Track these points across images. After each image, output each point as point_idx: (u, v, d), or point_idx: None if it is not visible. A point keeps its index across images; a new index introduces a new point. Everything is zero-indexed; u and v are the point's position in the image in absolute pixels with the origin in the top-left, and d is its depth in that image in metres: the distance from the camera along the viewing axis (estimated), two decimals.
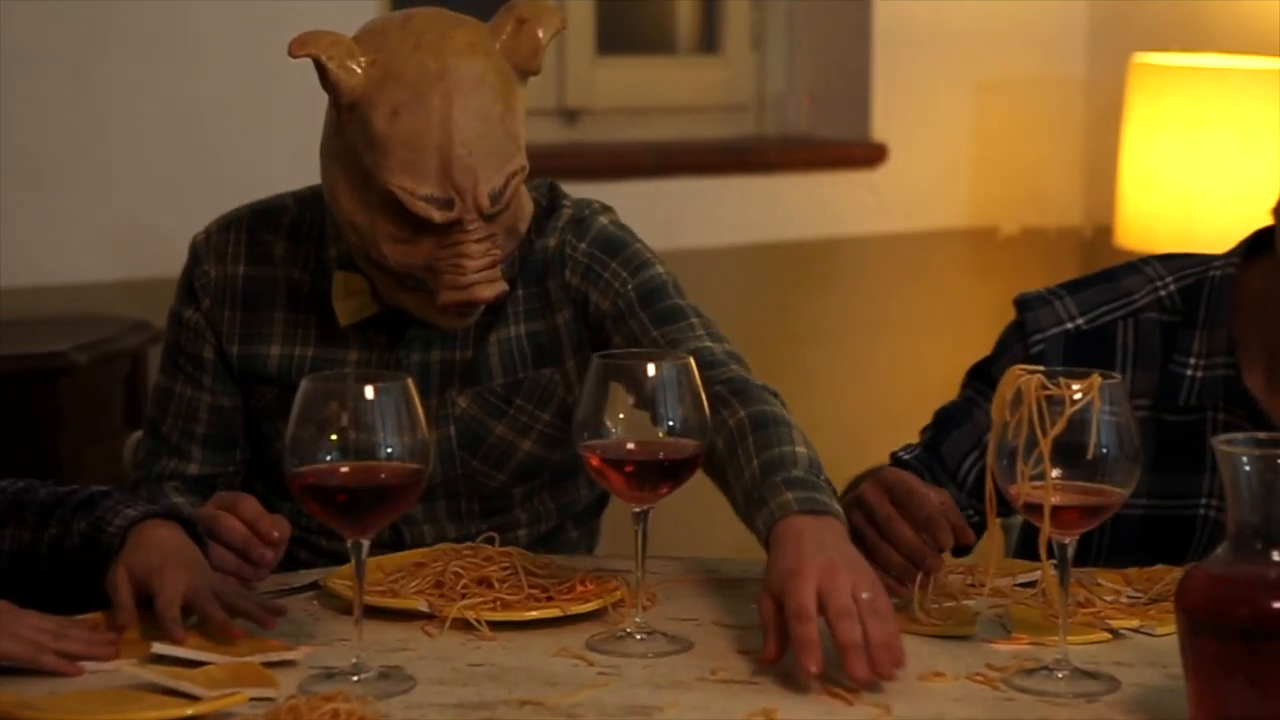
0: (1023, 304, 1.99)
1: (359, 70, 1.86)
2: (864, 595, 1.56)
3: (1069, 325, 1.96)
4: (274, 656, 1.60)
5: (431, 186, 1.85)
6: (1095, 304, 1.97)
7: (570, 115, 3.72)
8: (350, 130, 1.88)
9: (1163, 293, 1.96)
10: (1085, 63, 4.07)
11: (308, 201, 2.06)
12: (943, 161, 3.96)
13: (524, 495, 2.08)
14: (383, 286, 1.96)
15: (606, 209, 2.08)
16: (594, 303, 2.01)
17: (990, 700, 1.53)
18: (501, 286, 1.91)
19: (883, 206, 3.89)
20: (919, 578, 1.72)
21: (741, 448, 1.77)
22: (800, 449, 1.73)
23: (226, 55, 3.17)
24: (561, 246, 2.02)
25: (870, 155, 3.85)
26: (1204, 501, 1.93)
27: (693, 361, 1.68)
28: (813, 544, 1.61)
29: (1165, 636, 1.66)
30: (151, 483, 2.06)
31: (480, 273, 1.88)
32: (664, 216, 3.65)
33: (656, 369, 1.66)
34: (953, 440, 1.97)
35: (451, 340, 2.02)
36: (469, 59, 1.87)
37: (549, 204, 2.06)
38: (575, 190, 2.14)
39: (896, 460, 2.00)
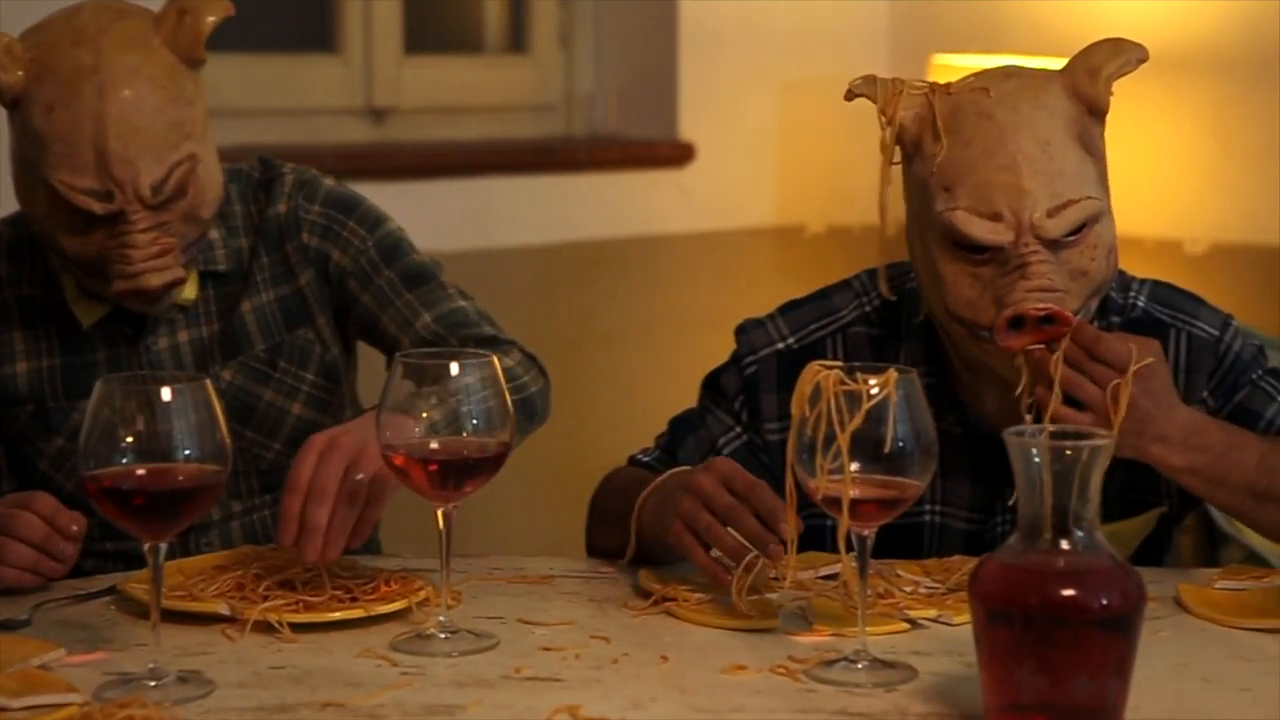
0: (739, 329, 2.03)
1: (19, 69, 1.90)
2: (357, 476, 1.69)
3: (779, 345, 2.00)
4: (36, 661, 1.56)
5: (90, 180, 1.89)
6: (805, 323, 2.01)
7: (378, 114, 3.70)
8: (16, 129, 1.93)
9: (868, 307, 2.00)
10: (887, 63, 4.13)
11: (19, 222, 2.08)
12: (750, 160, 3.99)
13: None
14: (81, 279, 2.00)
15: (325, 175, 2.14)
16: (334, 260, 2.08)
17: (791, 692, 1.55)
18: (174, 274, 1.94)
19: (691, 205, 3.92)
20: (748, 562, 1.71)
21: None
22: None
23: None
24: (294, 210, 2.08)
25: (678, 154, 3.88)
26: (928, 508, 1.97)
27: (496, 360, 1.68)
28: (355, 420, 1.75)
29: (962, 626, 1.69)
30: None
31: (148, 262, 1.92)
32: (473, 216, 3.64)
33: (460, 369, 1.66)
34: (688, 446, 2.00)
35: (196, 318, 2.05)
36: (125, 52, 1.90)
37: (264, 175, 2.11)
38: (383, 190, 2.16)
39: (635, 463, 2.03)
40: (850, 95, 1.89)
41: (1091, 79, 1.84)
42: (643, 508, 1.85)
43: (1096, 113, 1.86)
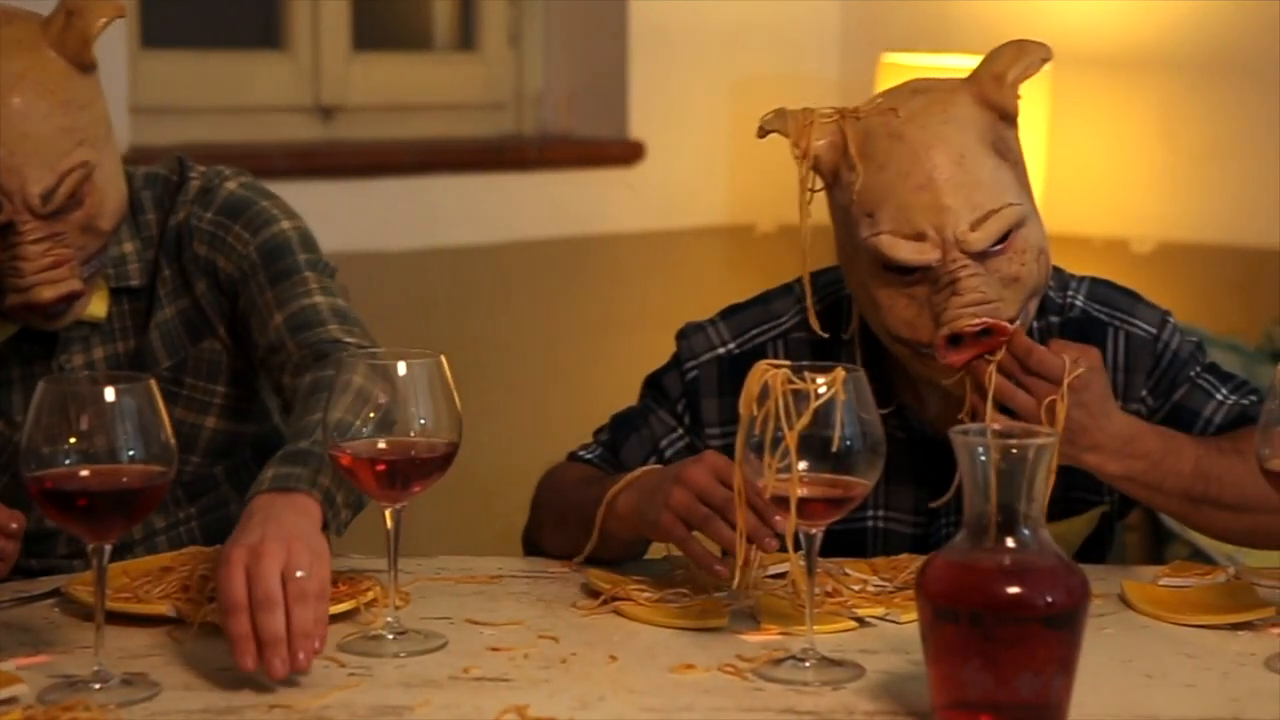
0: (681, 333, 2.03)
1: None
2: (297, 574, 1.54)
3: (720, 350, 2.00)
4: None
5: None
6: (746, 327, 2.01)
7: (326, 112, 3.68)
8: None
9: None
10: (837, 62, 4.14)
11: None
12: (700, 159, 4.00)
13: (227, 473, 2.08)
14: None
15: (240, 173, 2.07)
16: (222, 269, 2.01)
17: (739, 690, 1.55)
18: (69, 287, 1.88)
19: (641, 204, 3.92)
20: (749, 554, 1.70)
21: (293, 416, 1.82)
22: (336, 414, 1.64)
23: None
24: (189, 219, 2.01)
25: (628, 153, 3.88)
26: (872, 514, 1.97)
27: (443, 359, 1.67)
28: (258, 522, 1.60)
29: (909, 624, 1.70)
30: None
31: (40, 274, 1.86)
32: (422, 214, 3.63)
33: (408, 367, 1.65)
34: (631, 445, 2.00)
35: (110, 335, 2.01)
36: (10, 58, 1.84)
37: (178, 179, 2.04)
38: (331, 189, 2.11)
39: (576, 458, 2.03)
40: (762, 132, 1.91)
41: (997, 85, 1.84)
42: (611, 505, 1.84)
43: (1007, 118, 1.86)
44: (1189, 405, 1.95)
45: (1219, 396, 1.96)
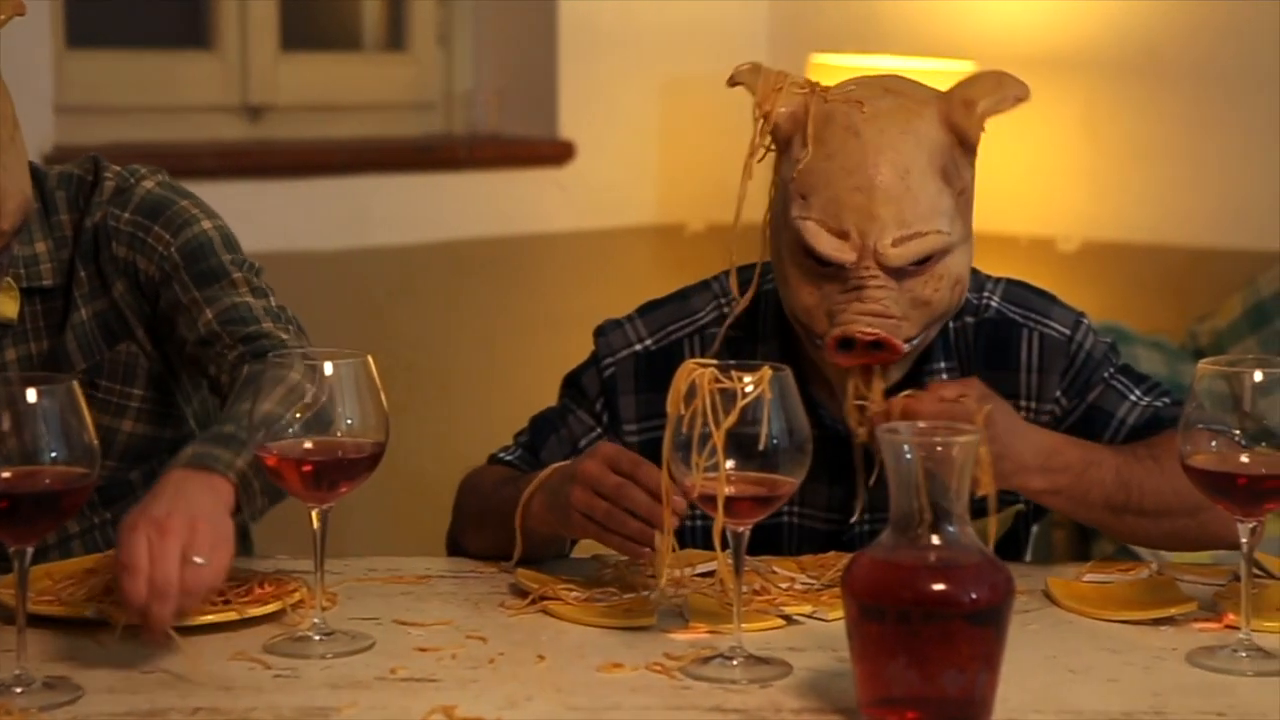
0: (599, 331, 2.03)
1: None
2: (196, 559, 1.57)
3: (638, 347, 2.00)
4: None
5: None
6: (663, 324, 2.01)
7: (254, 112, 3.66)
8: None
9: (726, 309, 2.01)
10: (766, 62, 4.13)
11: None
12: (630, 159, 4.00)
13: (144, 478, 2.05)
14: None
15: (156, 172, 2.05)
16: (142, 270, 1.99)
17: (667, 689, 1.56)
18: None
19: (571, 203, 3.92)
20: (656, 539, 1.70)
21: (225, 404, 1.84)
22: (264, 407, 1.64)
23: None
24: (106, 220, 1.99)
25: (558, 153, 3.88)
26: (787, 510, 1.98)
27: (370, 359, 1.67)
28: (168, 495, 1.62)
29: (836, 621, 1.70)
30: None
31: None
32: (351, 214, 3.62)
33: (335, 367, 1.65)
34: (550, 446, 2.00)
35: (24, 336, 1.98)
36: None
37: (92, 179, 2.02)
38: (259, 189, 2.10)
39: (497, 460, 2.02)
40: (732, 82, 1.89)
41: (966, 111, 1.84)
42: (528, 506, 1.84)
43: (966, 145, 1.85)
44: (1103, 406, 1.96)
45: (1132, 398, 1.97)
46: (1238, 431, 1.62)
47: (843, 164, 1.82)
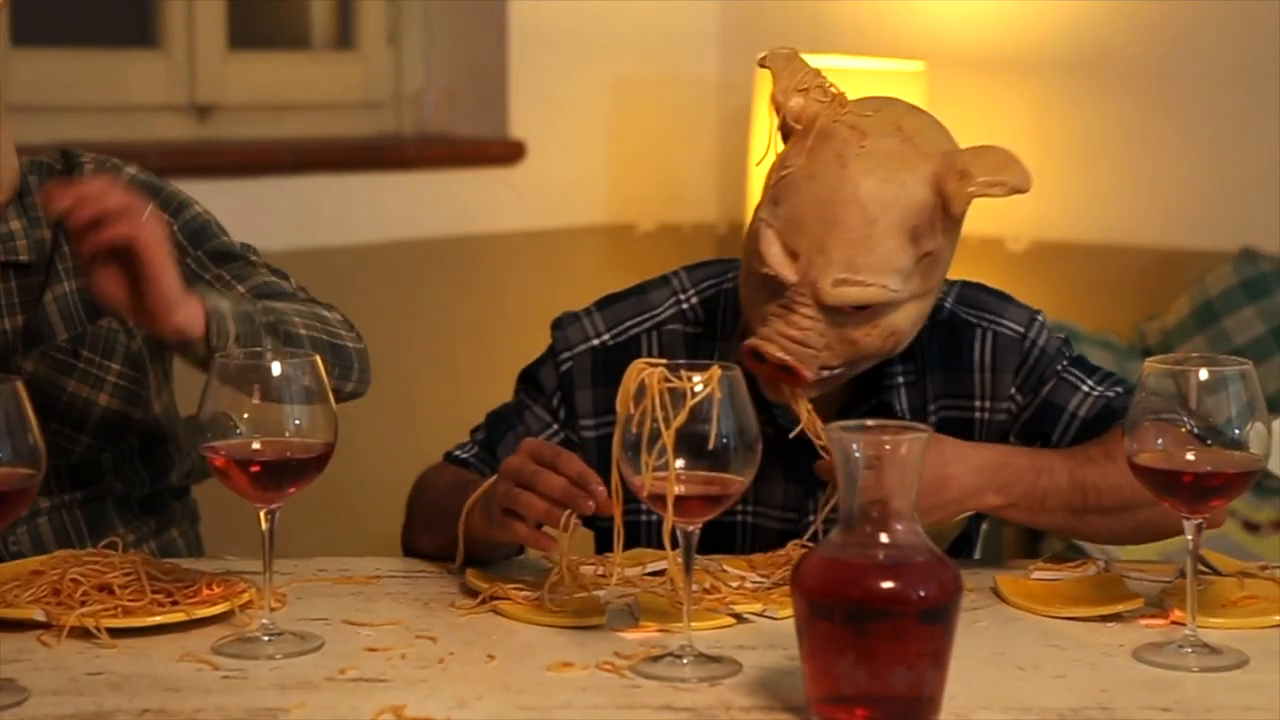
0: (556, 323, 2.03)
1: None
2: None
3: (595, 341, 2.00)
4: None
5: None
6: (621, 319, 2.01)
7: (202, 111, 3.64)
8: None
9: (685, 305, 2.01)
10: (717, 63, 4.16)
11: None
12: (581, 159, 4.00)
13: (114, 463, 2.08)
14: None
15: (127, 163, 2.12)
16: None
17: (617, 688, 1.55)
18: None
19: (522, 203, 3.92)
20: (563, 520, 1.69)
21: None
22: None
23: None
24: None
25: (508, 152, 3.87)
26: (741, 509, 1.98)
27: (319, 360, 1.66)
28: None
29: (786, 619, 1.70)
30: None
31: None
32: (302, 214, 3.61)
33: (283, 367, 1.64)
34: (507, 442, 1.99)
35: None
36: None
37: (65, 166, 2.09)
38: (207, 189, 2.14)
39: (453, 459, 2.02)
40: (763, 63, 1.86)
41: (959, 182, 1.81)
42: (470, 514, 1.84)
43: (948, 212, 1.83)
44: (1055, 400, 1.97)
45: (1085, 389, 1.98)
46: (1184, 429, 1.63)
47: (819, 189, 1.81)
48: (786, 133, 1.86)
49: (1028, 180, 1.81)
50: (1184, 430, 1.62)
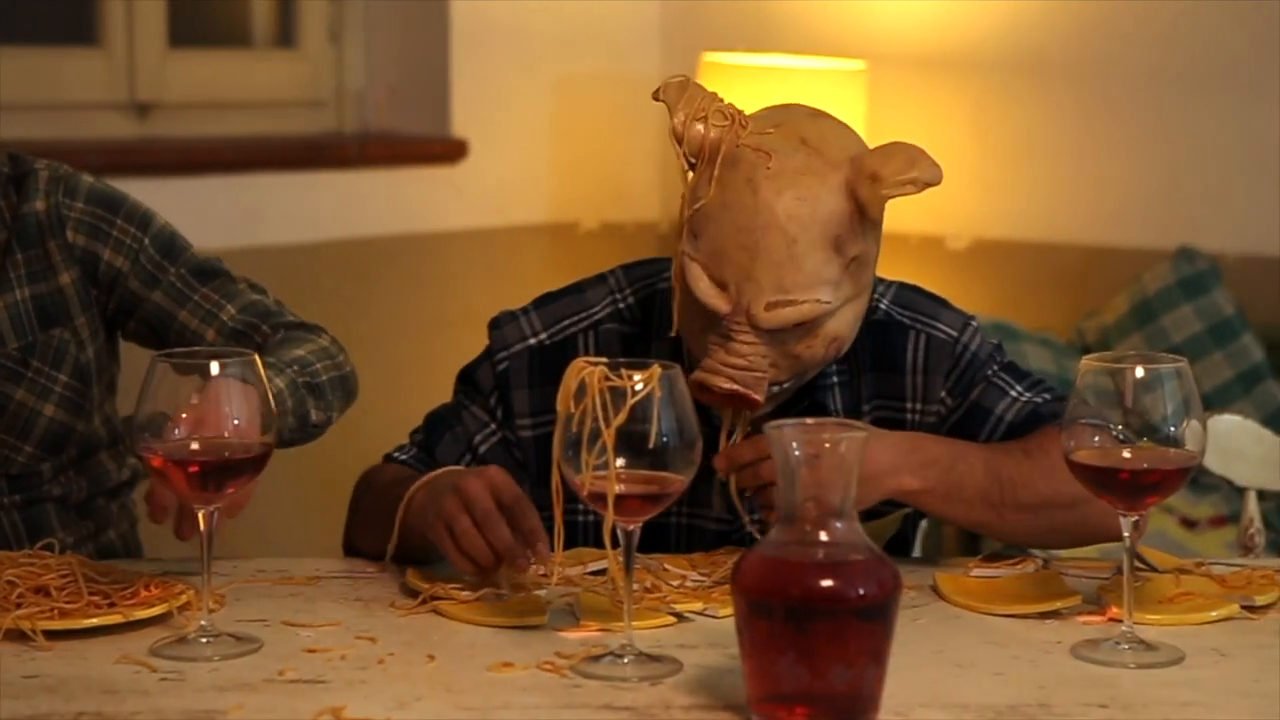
0: (493, 323, 2.02)
1: None
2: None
3: (531, 341, 2.00)
4: None
5: None
6: (558, 318, 2.01)
7: (142, 109, 3.62)
8: None
9: (622, 304, 2.01)
10: (659, 61, 4.16)
11: None
12: (523, 157, 4.00)
13: (53, 472, 2.07)
14: None
15: (80, 170, 2.10)
16: (106, 261, 2.04)
17: (557, 688, 1.55)
18: None
19: (464, 202, 3.91)
20: (501, 571, 1.74)
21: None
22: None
23: None
24: (55, 207, 2.03)
25: (451, 151, 3.86)
26: (675, 510, 1.97)
27: (258, 359, 1.65)
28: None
29: (727, 618, 1.71)
30: None
31: None
32: (243, 213, 3.59)
33: (221, 367, 1.63)
34: (445, 443, 1.99)
35: None
36: None
37: (15, 170, 2.05)
38: (148, 187, 2.13)
39: (391, 460, 2.02)
40: (657, 96, 1.85)
41: (871, 185, 1.80)
42: (410, 502, 1.83)
43: (865, 215, 1.82)
44: (982, 404, 1.98)
45: (1013, 394, 1.99)
46: (1120, 426, 1.65)
47: (734, 219, 1.80)
48: (688, 159, 1.85)
49: (938, 174, 1.81)
50: (1113, 435, 1.64)
